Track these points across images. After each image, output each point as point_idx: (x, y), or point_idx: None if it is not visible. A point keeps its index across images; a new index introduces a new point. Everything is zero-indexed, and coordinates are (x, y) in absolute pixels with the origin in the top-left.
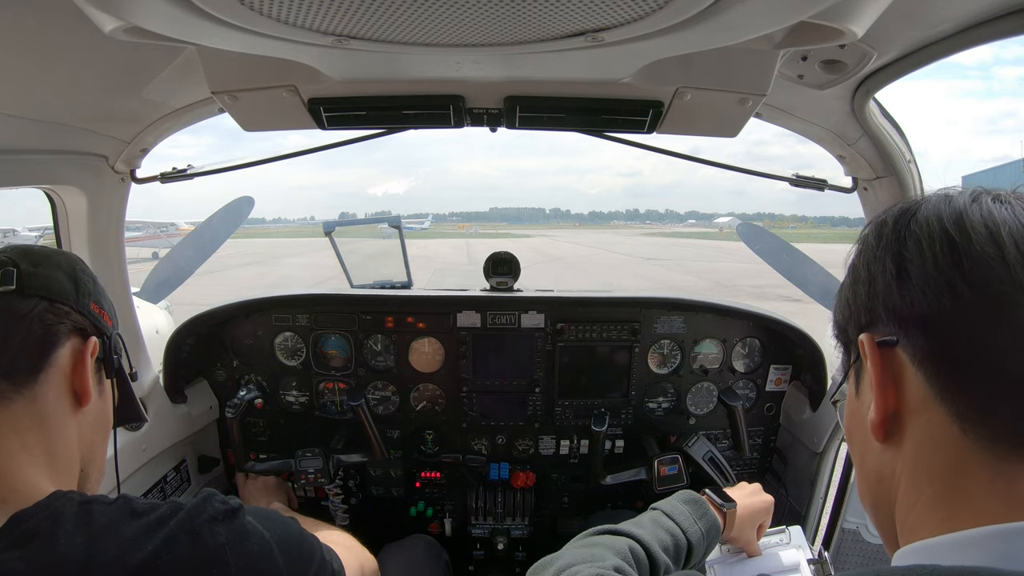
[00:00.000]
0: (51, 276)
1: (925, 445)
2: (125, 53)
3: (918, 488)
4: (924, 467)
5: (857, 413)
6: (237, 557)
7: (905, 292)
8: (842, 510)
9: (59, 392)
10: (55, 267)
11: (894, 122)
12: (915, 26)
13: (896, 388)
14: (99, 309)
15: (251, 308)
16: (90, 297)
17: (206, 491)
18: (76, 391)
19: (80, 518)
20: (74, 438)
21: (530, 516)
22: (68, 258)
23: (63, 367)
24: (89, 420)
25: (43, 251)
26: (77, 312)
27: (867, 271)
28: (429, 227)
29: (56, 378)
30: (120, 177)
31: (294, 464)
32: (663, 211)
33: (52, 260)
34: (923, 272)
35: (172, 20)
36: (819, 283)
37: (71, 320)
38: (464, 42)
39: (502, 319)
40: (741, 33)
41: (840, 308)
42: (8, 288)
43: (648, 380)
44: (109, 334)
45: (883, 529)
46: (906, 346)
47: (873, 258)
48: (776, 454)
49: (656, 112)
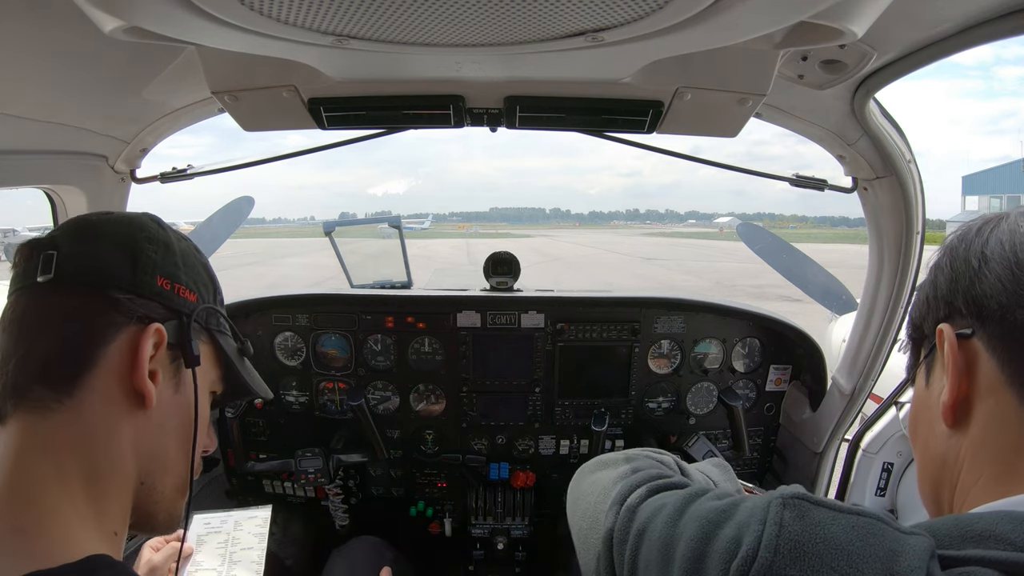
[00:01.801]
0: (98, 255)
1: (991, 426)
2: (125, 53)
3: (980, 468)
4: (989, 447)
5: (927, 402)
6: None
7: (985, 285)
8: None
9: (110, 396)
10: (107, 241)
11: (894, 122)
12: (915, 26)
13: (969, 375)
14: (170, 284)
15: (251, 308)
16: (155, 271)
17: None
18: (137, 390)
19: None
20: (128, 451)
21: (530, 516)
22: (130, 225)
23: (115, 366)
24: (155, 423)
25: (99, 222)
26: (134, 295)
27: (950, 268)
28: (429, 227)
29: (105, 380)
30: (120, 177)
31: (294, 464)
32: (663, 211)
33: (105, 233)
34: (1003, 267)
35: (172, 20)
36: (819, 283)
37: (124, 308)
38: (464, 42)
39: (502, 319)
40: (741, 33)
41: (918, 306)
42: (46, 277)
43: (648, 380)
44: (189, 311)
45: (941, 514)
46: (982, 336)
47: (957, 256)
48: (776, 454)
49: (656, 112)
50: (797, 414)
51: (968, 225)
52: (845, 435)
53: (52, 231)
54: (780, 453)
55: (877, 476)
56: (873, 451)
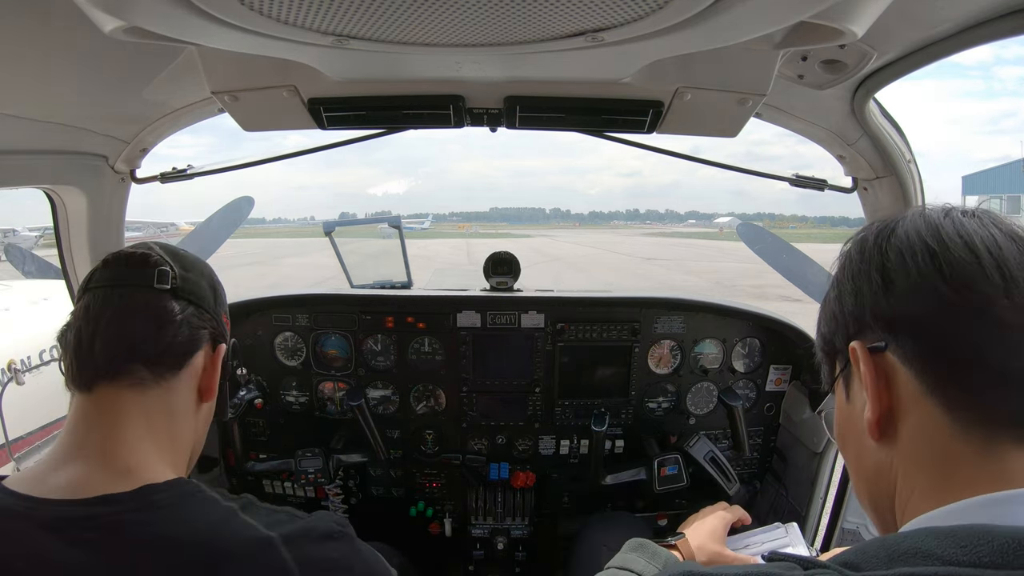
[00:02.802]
0: (198, 283)
1: (918, 437)
2: (125, 53)
3: (914, 478)
4: (918, 457)
5: (850, 417)
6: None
7: (892, 299)
8: (842, 510)
9: (190, 387)
10: (200, 274)
11: (894, 122)
12: (915, 26)
13: (888, 388)
14: (226, 319)
15: (251, 308)
16: (222, 307)
17: (321, 512)
18: (202, 389)
19: (207, 503)
20: (191, 429)
21: (530, 516)
22: (208, 268)
23: (197, 367)
24: (203, 415)
25: (188, 256)
26: (214, 318)
27: (852, 284)
28: (429, 227)
29: (190, 375)
30: (120, 177)
31: (294, 464)
32: (663, 211)
33: (197, 267)
34: (907, 280)
35: (172, 20)
36: (819, 283)
37: (210, 326)
38: (464, 42)
39: (502, 319)
40: (741, 33)
41: (826, 320)
42: (164, 287)
43: (648, 380)
44: (229, 342)
45: (884, 525)
46: (895, 349)
47: (858, 271)
48: (776, 454)
49: (656, 112)
50: (797, 414)
51: (863, 235)
52: None
53: (149, 247)
54: (780, 453)
55: None
56: None
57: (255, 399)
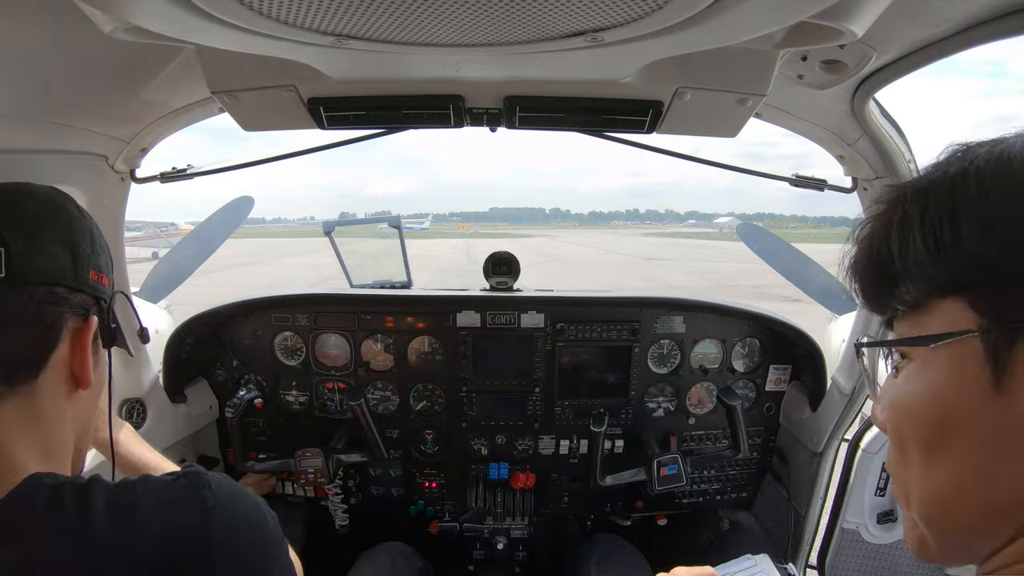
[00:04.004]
0: (50, 252)
1: None
2: (125, 53)
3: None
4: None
5: (1003, 422)
6: (221, 516)
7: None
8: (842, 510)
9: (58, 382)
10: (52, 236)
11: (894, 122)
12: (915, 26)
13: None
14: (97, 274)
15: (251, 308)
16: (88, 265)
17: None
18: (74, 375)
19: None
20: (70, 424)
21: (530, 516)
22: (64, 216)
23: (63, 357)
24: (86, 400)
25: (36, 211)
26: (76, 291)
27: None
28: (429, 227)
29: (55, 371)
30: (120, 177)
31: (294, 464)
32: (663, 211)
33: (48, 227)
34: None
35: (172, 20)
36: (819, 283)
37: (70, 305)
38: (464, 42)
39: (502, 319)
40: (741, 33)
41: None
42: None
43: (648, 380)
44: (108, 297)
45: (971, 551)
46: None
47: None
48: (776, 454)
49: (656, 112)
50: (797, 414)
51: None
52: (845, 435)
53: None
54: (780, 453)
55: (877, 476)
56: (873, 451)
57: (255, 399)
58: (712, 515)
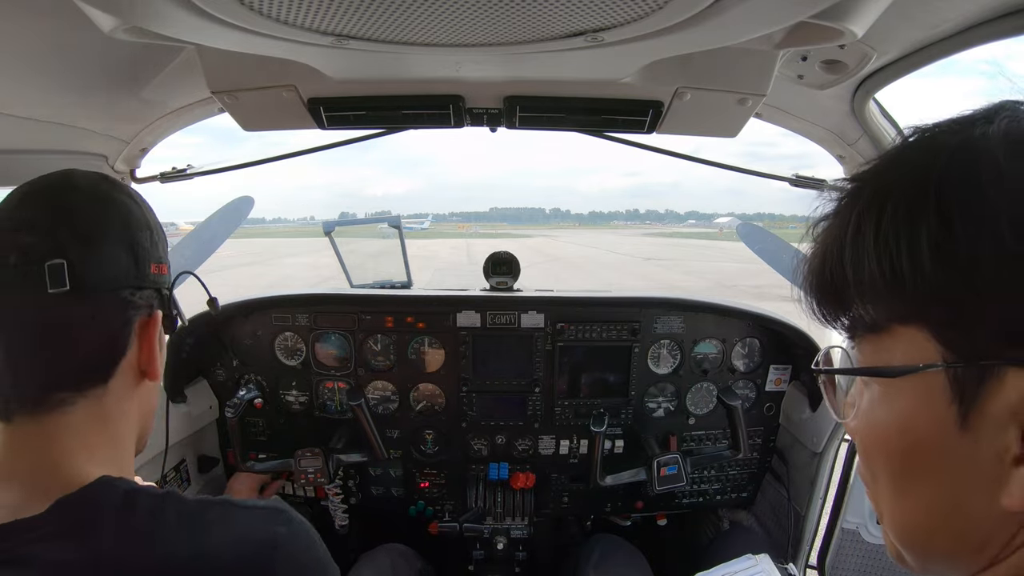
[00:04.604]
0: (110, 258)
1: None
2: (125, 53)
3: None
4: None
5: (968, 455)
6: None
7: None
8: (842, 510)
9: (126, 381)
10: (112, 240)
11: (894, 122)
12: (915, 26)
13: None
14: (158, 267)
15: (251, 308)
16: (150, 259)
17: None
18: (142, 369)
19: (124, 509)
20: (135, 418)
21: (530, 516)
22: (118, 210)
23: (131, 357)
24: (149, 387)
25: (87, 209)
26: (140, 289)
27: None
28: (429, 227)
29: (124, 372)
30: (120, 177)
31: (294, 464)
32: (663, 211)
33: (105, 227)
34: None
35: (172, 20)
36: None
37: (136, 306)
38: (464, 42)
39: (502, 319)
40: (741, 33)
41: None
42: (60, 290)
43: (648, 380)
44: (168, 285)
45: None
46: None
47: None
48: (776, 454)
49: (656, 112)
50: (797, 414)
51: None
52: (845, 435)
53: (32, 220)
54: (780, 453)
55: None
56: None
57: (255, 399)
58: (712, 515)
